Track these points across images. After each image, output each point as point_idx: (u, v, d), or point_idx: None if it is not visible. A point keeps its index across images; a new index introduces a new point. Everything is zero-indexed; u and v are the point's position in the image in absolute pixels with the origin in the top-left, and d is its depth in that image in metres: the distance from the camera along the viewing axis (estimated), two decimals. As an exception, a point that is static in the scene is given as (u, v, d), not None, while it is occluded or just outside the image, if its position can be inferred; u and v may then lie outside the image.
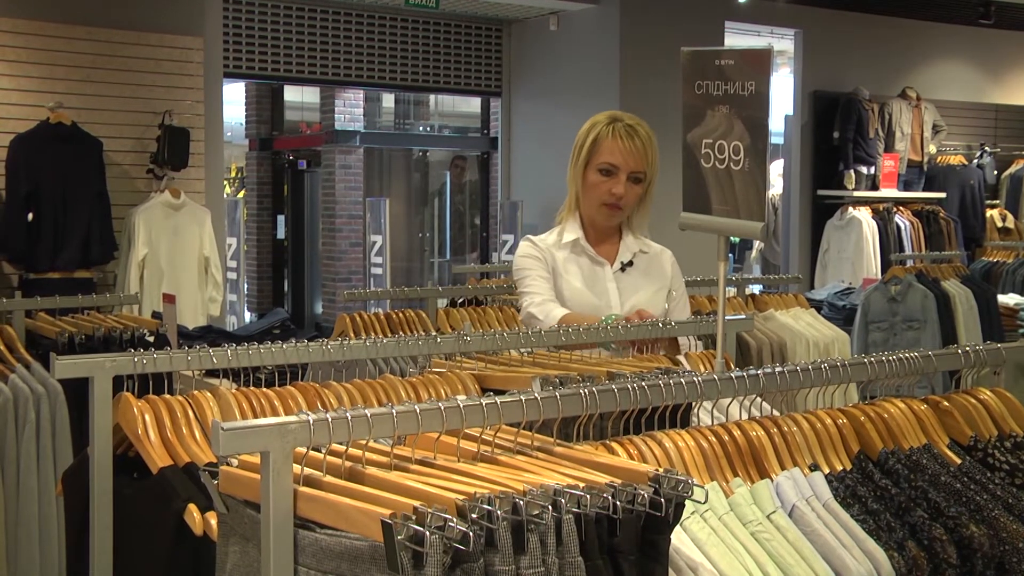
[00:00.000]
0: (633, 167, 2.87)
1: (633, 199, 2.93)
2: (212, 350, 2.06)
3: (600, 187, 2.89)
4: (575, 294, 2.87)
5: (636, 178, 2.89)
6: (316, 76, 8.74)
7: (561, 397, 1.49)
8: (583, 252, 2.93)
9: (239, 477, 1.37)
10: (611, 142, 2.86)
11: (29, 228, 6.32)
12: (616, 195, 2.87)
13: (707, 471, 1.60)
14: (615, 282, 2.92)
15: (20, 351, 3.19)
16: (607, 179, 2.88)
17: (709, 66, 1.97)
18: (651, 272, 2.99)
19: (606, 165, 2.87)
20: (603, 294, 2.89)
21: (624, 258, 2.96)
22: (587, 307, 2.82)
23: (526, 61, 9.33)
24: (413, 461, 1.37)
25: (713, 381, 1.67)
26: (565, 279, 2.89)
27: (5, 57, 6.44)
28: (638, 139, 2.87)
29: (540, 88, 9.23)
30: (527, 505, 1.21)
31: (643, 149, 2.87)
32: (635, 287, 2.93)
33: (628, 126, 2.88)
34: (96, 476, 1.88)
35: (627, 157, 2.85)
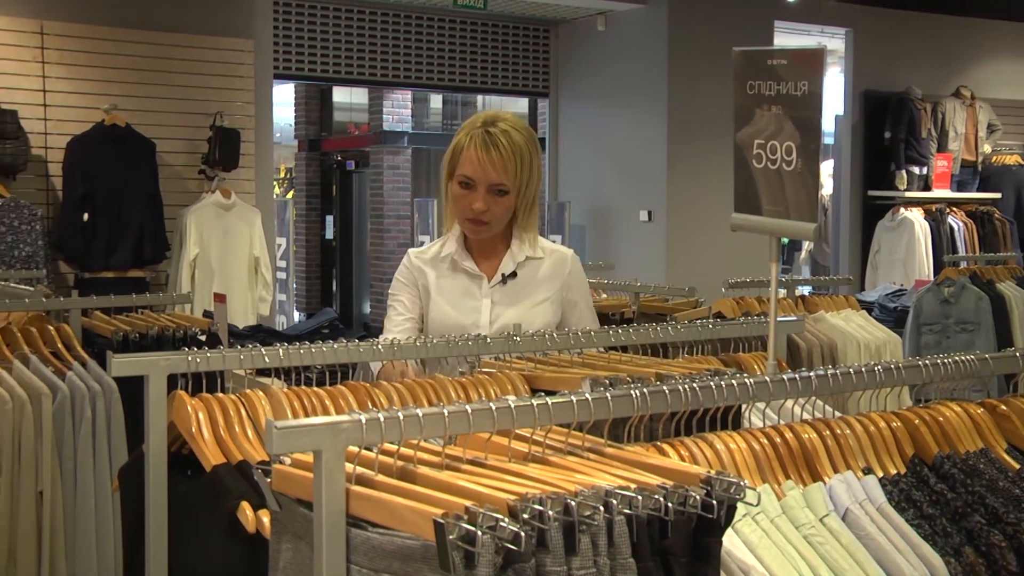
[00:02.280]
0: (491, 180, 2.58)
1: (501, 212, 2.63)
2: (264, 349, 2.08)
3: (461, 200, 2.63)
4: (442, 315, 2.67)
5: (499, 191, 2.60)
6: (364, 77, 8.79)
7: (612, 398, 1.48)
8: (459, 266, 2.70)
9: (292, 475, 1.38)
10: (468, 152, 2.59)
11: (84, 228, 6.43)
12: (476, 211, 2.60)
13: (759, 473, 1.59)
14: (490, 297, 2.68)
15: (77, 349, 3.24)
16: (467, 192, 2.61)
17: (761, 66, 1.96)
18: (538, 282, 2.71)
19: (464, 178, 2.60)
20: (472, 312, 2.66)
21: (506, 269, 2.69)
22: (453, 328, 2.57)
23: (574, 62, 9.32)
24: (464, 461, 1.38)
25: (765, 383, 1.66)
26: (434, 299, 2.69)
27: (62, 60, 6.56)
28: (497, 150, 2.56)
29: (588, 89, 9.21)
30: (579, 506, 1.20)
31: (502, 160, 2.56)
32: (513, 301, 2.68)
33: (488, 134, 2.57)
34: (151, 473, 1.90)
35: (484, 169, 2.57)
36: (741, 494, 1.30)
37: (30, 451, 2.91)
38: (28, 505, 2.91)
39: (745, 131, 2.08)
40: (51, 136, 6.53)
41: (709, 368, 2.21)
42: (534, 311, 2.67)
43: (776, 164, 1.99)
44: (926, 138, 9.02)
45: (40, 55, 6.50)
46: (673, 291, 4.55)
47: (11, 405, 2.90)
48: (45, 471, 2.93)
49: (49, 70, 6.53)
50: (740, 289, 4.49)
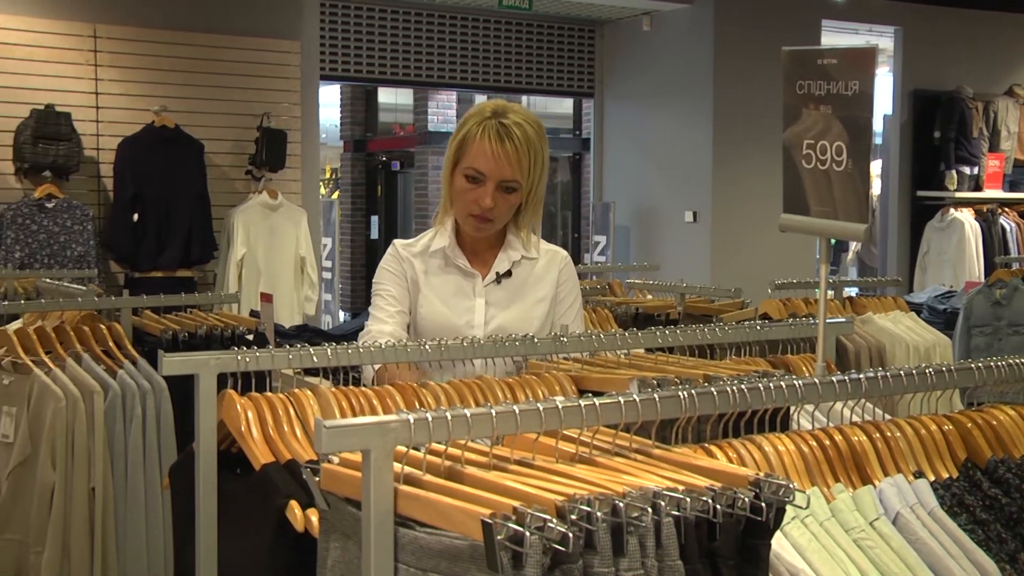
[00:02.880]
0: (504, 175, 2.42)
1: (506, 210, 2.48)
2: (312, 349, 2.09)
3: (466, 195, 2.45)
4: (432, 312, 2.51)
5: (508, 187, 2.44)
6: (410, 78, 8.83)
7: (660, 399, 1.48)
8: (452, 262, 2.54)
9: (341, 475, 1.39)
10: (479, 144, 2.41)
11: (134, 228, 6.52)
12: (483, 207, 2.44)
13: (808, 476, 1.58)
14: (484, 297, 2.52)
15: (128, 348, 3.28)
16: (474, 187, 2.44)
17: (811, 66, 1.94)
18: (533, 282, 2.57)
19: (472, 171, 2.43)
20: (465, 312, 2.51)
21: (500, 268, 2.54)
22: (445, 327, 2.45)
23: (619, 62, 9.30)
24: (512, 461, 1.38)
25: (814, 385, 1.65)
26: (425, 295, 2.52)
27: (114, 63, 6.66)
28: (511, 142, 2.40)
29: (633, 89, 9.18)
30: (626, 507, 1.20)
31: (516, 155, 2.41)
32: (508, 301, 2.53)
33: (502, 125, 2.41)
34: (201, 472, 1.92)
35: (496, 164, 2.41)
36: (790, 496, 1.29)
37: (83, 448, 2.95)
38: (81, 501, 2.95)
39: (793, 131, 2.06)
40: (103, 138, 6.63)
41: (757, 370, 2.19)
42: (531, 312, 2.55)
43: (826, 164, 1.97)
44: (977, 137, 8.89)
45: (93, 58, 6.61)
46: (719, 292, 4.52)
47: (64, 403, 2.95)
48: (97, 468, 2.98)
49: (101, 72, 6.63)
50: (786, 290, 4.45)
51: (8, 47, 6.40)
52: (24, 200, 6.28)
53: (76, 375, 3.04)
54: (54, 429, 2.95)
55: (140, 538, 3.05)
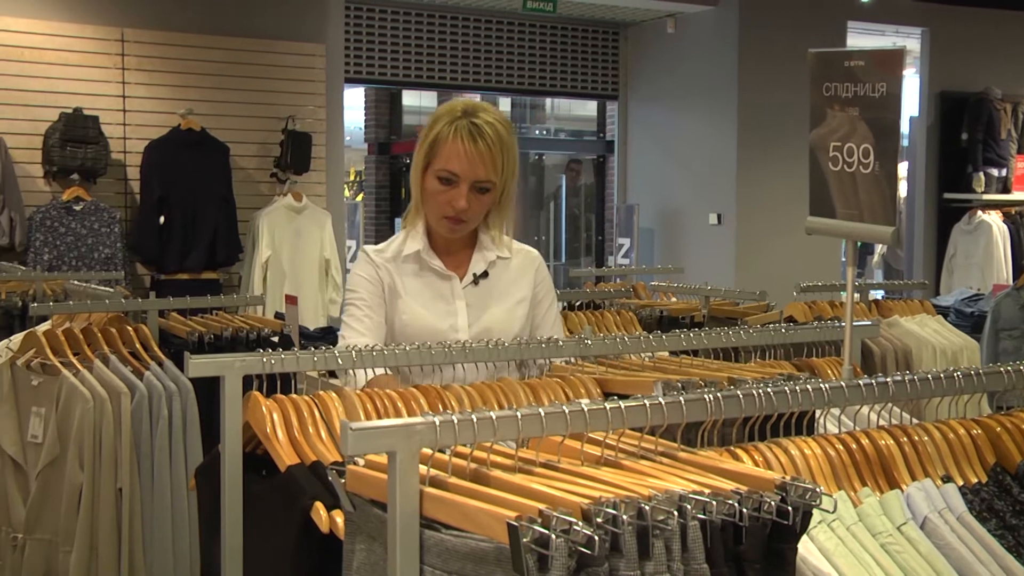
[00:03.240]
0: (477, 176, 2.38)
1: (479, 210, 2.45)
2: (338, 351, 2.10)
3: (438, 197, 2.41)
4: (415, 318, 2.45)
5: (482, 188, 2.41)
6: (434, 81, 8.85)
7: (686, 402, 1.47)
8: (427, 266, 2.49)
9: (366, 476, 1.40)
10: (451, 145, 2.37)
11: (160, 231, 6.56)
12: (457, 209, 2.40)
13: (834, 480, 1.57)
14: (465, 299, 2.49)
15: (154, 349, 3.30)
16: (447, 188, 2.40)
17: (838, 68, 1.93)
18: (510, 282, 2.54)
19: (445, 173, 2.39)
20: (449, 315, 2.47)
21: (477, 269, 2.51)
22: (429, 332, 2.41)
23: (643, 64, 9.28)
24: (537, 464, 1.38)
25: (841, 388, 1.64)
26: (404, 300, 2.46)
27: (141, 67, 6.71)
28: (484, 142, 2.36)
29: (657, 91, 9.17)
30: (652, 510, 1.20)
31: (490, 154, 2.37)
32: (488, 303, 2.50)
33: (474, 125, 2.37)
34: (227, 473, 1.93)
35: (470, 164, 2.37)
36: (817, 500, 1.29)
37: (110, 449, 2.97)
38: (108, 502, 2.97)
39: (819, 133, 2.05)
40: (130, 141, 6.68)
41: (782, 372, 2.18)
42: (514, 313, 2.52)
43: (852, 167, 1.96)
44: (1006, 139, 8.82)
45: (120, 62, 6.66)
46: (744, 295, 4.50)
47: (92, 404, 2.97)
48: (124, 469, 2.99)
49: (129, 76, 6.69)
50: (812, 293, 4.43)
51: (37, 51, 6.46)
52: (52, 203, 6.34)
53: (104, 376, 3.06)
54: (82, 430, 2.97)
55: (166, 538, 3.06)
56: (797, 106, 6.44)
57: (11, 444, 3.07)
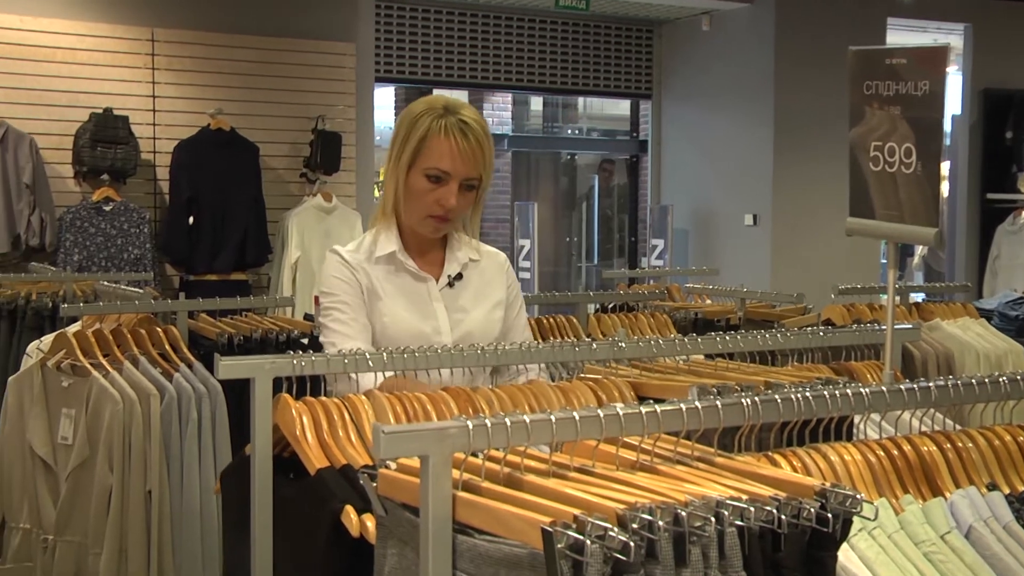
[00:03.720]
0: (467, 173, 2.39)
1: (464, 208, 2.45)
2: (368, 353, 2.10)
3: (426, 196, 2.40)
4: (397, 320, 2.42)
5: (469, 185, 2.41)
6: (465, 80, 8.87)
7: (723, 407, 1.47)
8: (402, 267, 2.47)
9: (398, 480, 1.40)
10: (442, 142, 2.36)
11: (189, 231, 6.61)
12: (445, 207, 2.39)
13: (875, 487, 1.56)
14: (442, 301, 2.48)
15: (184, 351, 3.33)
16: (435, 187, 2.39)
17: (879, 66, 1.92)
18: (484, 284, 2.54)
19: (435, 171, 2.38)
20: (429, 318, 2.45)
21: (451, 271, 2.50)
22: (412, 335, 2.39)
23: (677, 63, 9.26)
24: (571, 469, 1.38)
25: (881, 393, 1.62)
26: (384, 302, 2.43)
27: (170, 66, 6.76)
28: (473, 138, 2.37)
29: (691, 90, 9.14)
30: (689, 516, 1.20)
31: (479, 151, 2.38)
32: (465, 306, 2.49)
33: (462, 122, 2.37)
34: (257, 475, 1.94)
35: (461, 161, 2.37)
36: (857, 507, 1.28)
37: (139, 451, 3.00)
38: (137, 504, 3.00)
39: (859, 132, 2.04)
40: (159, 141, 6.74)
41: (820, 377, 2.17)
42: (492, 315, 2.52)
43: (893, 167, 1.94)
44: (1051, 138, 8.72)
45: (151, 62, 6.71)
46: (780, 297, 4.47)
47: (122, 405, 3.00)
48: (153, 471, 3.02)
49: (158, 76, 6.74)
50: (850, 295, 4.40)
51: (67, 52, 6.53)
52: (82, 203, 6.41)
53: (133, 378, 3.09)
54: (111, 431, 2.99)
55: (195, 541, 3.08)
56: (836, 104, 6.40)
57: (42, 445, 3.11)
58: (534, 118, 12.96)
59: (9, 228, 6.25)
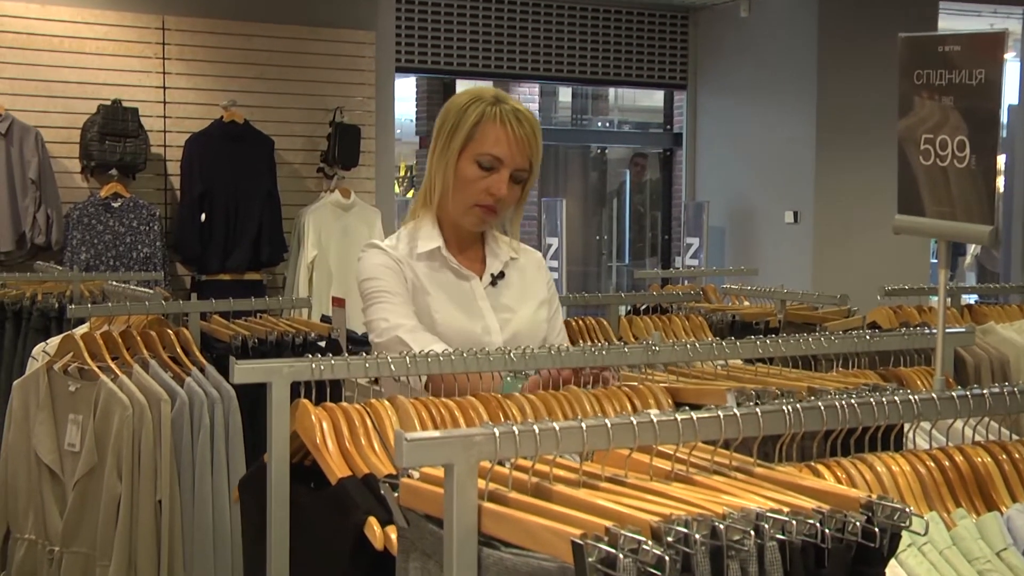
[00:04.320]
0: (519, 163, 2.45)
1: (512, 201, 2.51)
2: (391, 357, 2.11)
3: (476, 184, 2.44)
4: (448, 318, 2.45)
5: (518, 177, 2.47)
6: (490, 70, 8.88)
7: (763, 414, 1.46)
8: (445, 264, 2.51)
9: (421, 490, 1.40)
10: (498, 129, 2.42)
11: (201, 229, 6.65)
12: (496, 196, 2.44)
13: (925, 500, 1.55)
14: (487, 300, 2.51)
15: (196, 354, 3.35)
16: (486, 175, 2.43)
17: (931, 54, 1.91)
18: (526, 284, 2.59)
19: (488, 158, 2.43)
20: (478, 317, 2.48)
21: (494, 269, 2.55)
22: (463, 335, 2.42)
23: (714, 51, 9.23)
24: (603, 479, 1.38)
25: (932, 400, 1.62)
26: (434, 298, 2.46)
27: (181, 56, 6.81)
28: (527, 127, 2.44)
29: (729, 80, 9.11)
30: (727, 529, 1.19)
31: (532, 141, 2.45)
32: (511, 305, 2.53)
33: (516, 110, 2.44)
34: (273, 485, 1.95)
35: (515, 149, 2.42)
36: (906, 521, 1.27)
37: (149, 459, 3.02)
38: (147, 514, 3.02)
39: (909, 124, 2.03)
40: (170, 134, 6.79)
41: (867, 383, 2.16)
42: (537, 314, 2.56)
43: (945, 161, 1.93)
44: (1114, 129, 8.64)
45: (161, 51, 6.77)
46: (823, 299, 4.47)
47: (131, 411, 3.01)
48: (164, 479, 3.04)
49: (169, 66, 6.79)
50: (897, 297, 4.39)
51: (75, 41, 6.59)
52: (90, 199, 6.46)
53: (143, 382, 3.11)
54: (120, 438, 3.02)
55: (207, 553, 3.10)
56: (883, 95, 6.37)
57: (48, 452, 3.13)
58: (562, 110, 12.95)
59: (14, 225, 6.31)
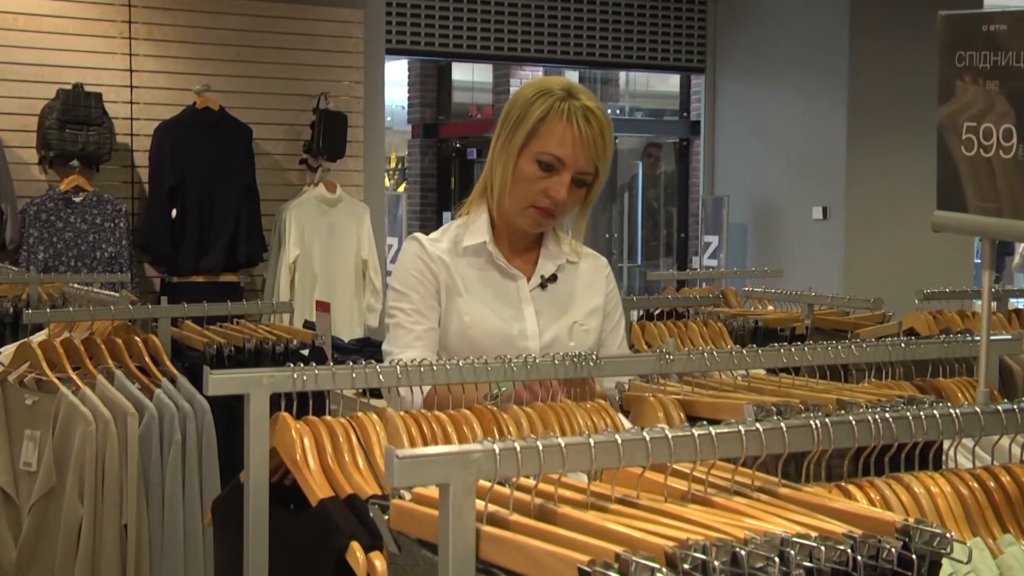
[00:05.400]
0: (583, 165, 2.47)
1: (572, 205, 2.53)
2: (380, 367, 2.11)
3: (535, 184, 2.47)
4: (479, 321, 2.49)
5: (581, 180, 2.49)
6: (489, 52, 8.89)
7: (788, 429, 1.46)
8: (491, 261, 2.54)
9: (413, 512, 1.40)
10: (563, 126, 2.44)
11: (172, 226, 6.66)
12: (554, 199, 2.47)
13: (967, 524, 1.55)
14: (532, 304, 2.54)
15: (166, 364, 3.35)
16: (546, 175, 2.46)
17: (975, 34, 1.91)
18: (581, 289, 2.61)
19: (550, 157, 2.45)
20: (516, 320, 2.51)
21: (545, 271, 2.57)
22: (497, 337, 2.47)
23: (735, 30, 9.24)
24: (613, 500, 1.38)
25: (975, 415, 1.62)
26: (466, 299, 2.50)
27: (150, 35, 6.81)
28: (596, 127, 2.46)
29: (751, 63, 9.12)
30: (749, 555, 1.20)
31: (600, 142, 2.46)
32: (559, 311, 2.56)
33: (587, 108, 2.46)
34: (251, 506, 1.95)
35: (579, 151, 2.45)
36: (947, 548, 1.27)
37: (114, 479, 3.02)
38: (112, 539, 3.02)
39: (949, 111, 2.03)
40: (138, 122, 6.80)
41: (902, 395, 2.17)
42: (587, 322, 2.58)
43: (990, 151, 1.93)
44: None
45: (127, 30, 6.77)
46: (854, 303, 4.48)
47: (94, 426, 3.01)
48: (130, 502, 3.04)
49: (136, 47, 6.80)
50: (937, 301, 4.39)
51: (31, 18, 6.59)
52: (49, 193, 6.47)
53: (107, 395, 3.11)
54: (82, 456, 3.01)
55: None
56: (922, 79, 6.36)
57: (1, 472, 3.13)
58: (568, 96, 12.96)
59: (-35, 223, 6.32)
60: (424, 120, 13.61)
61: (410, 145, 14.08)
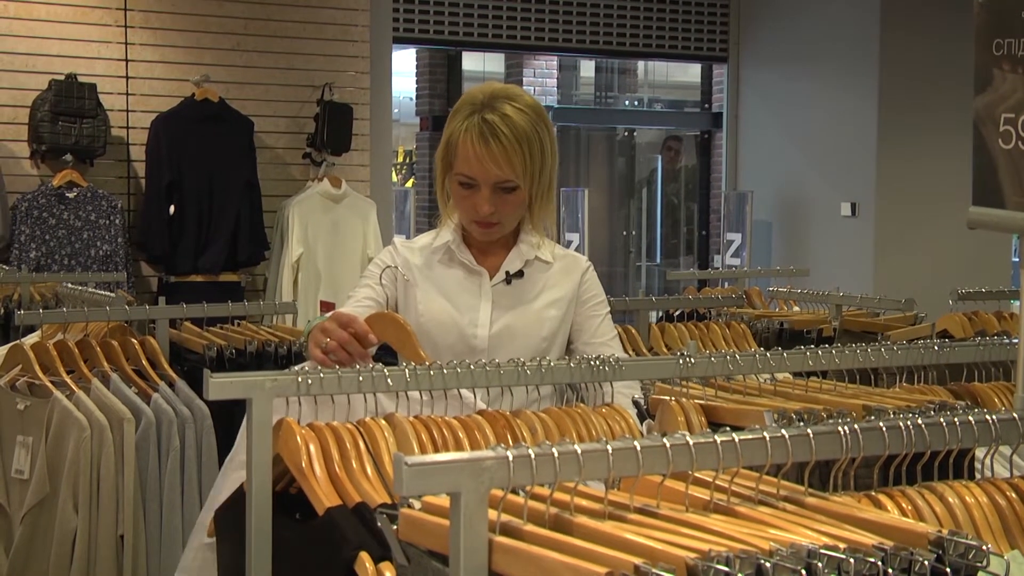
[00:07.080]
0: (495, 177, 2.58)
1: (512, 210, 2.67)
2: (388, 370, 2.11)
3: (464, 201, 2.66)
4: (432, 309, 2.70)
5: (506, 188, 2.61)
6: (501, 40, 8.90)
7: (815, 436, 1.47)
8: (456, 259, 2.75)
9: (424, 522, 1.41)
10: (468, 144, 2.58)
11: (170, 223, 6.67)
12: (482, 214, 2.63)
13: (1005, 536, 1.55)
14: (492, 297, 2.71)
15: (164, 367, 3.36)
16: (470, 193, 2.63)
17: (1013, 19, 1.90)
18: (547, 285, 2.76)
19: (463, 177, 2.61)
20: (470, 311, 2.70)
21: (512, 267, 2.74)
22: (446, 326, 2.67)
23: (759, 17, 9.24)
24: (632, 509, 1.38)
25: (1012, 421, 1.62)
26: (423, 289, 2.72)
27: (147, 23, 6.83)
28: (496, 141, 2.55)
29: (777, 52, 9.11)
30: (774, 568, 1.20)
31: (505, 153, 2.56)
32: (519, 302, 2.72)
33: (485, 122, 2.56)
34: (253, 516, 1.96)
35: (485, 167, 2.57)
36: (983, 561, 1.28)
37: (110, 487, 3.03)
38: (107, 550, 3.03)
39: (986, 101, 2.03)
40: (134, 114, 6.81)
41: (934, 401, 2.17)
42: (543, 313, 2.72)
43: (1027, 143, 1.93)
44: None
45: (123, 17, 6.78)
46: (885, 303, 4.48)
47: (89, 432, 3.03)
48: (127, 511, 3.05)
49: (133, 36, 6.81)
50: (972, 301, 4.38)
51: (23, 6, 6.60)
52: (41, 189, 6.48)
53: (103, 399, 3.12)
54: (77, 464, 3.03)
55: (177, 595, 3.11)
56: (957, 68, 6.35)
57: (-7, 480, 3.15)
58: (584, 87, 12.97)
59: (-46, 220, 6.34)
60: (433, 112, 13.60)
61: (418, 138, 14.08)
